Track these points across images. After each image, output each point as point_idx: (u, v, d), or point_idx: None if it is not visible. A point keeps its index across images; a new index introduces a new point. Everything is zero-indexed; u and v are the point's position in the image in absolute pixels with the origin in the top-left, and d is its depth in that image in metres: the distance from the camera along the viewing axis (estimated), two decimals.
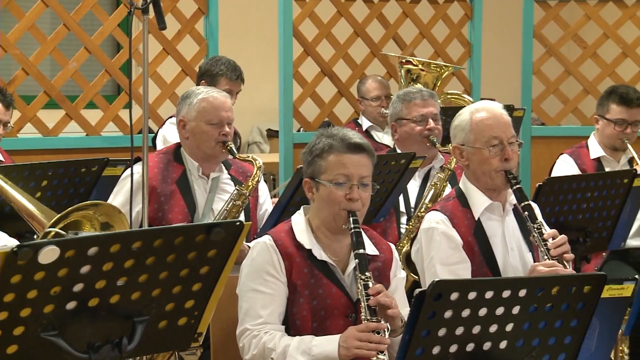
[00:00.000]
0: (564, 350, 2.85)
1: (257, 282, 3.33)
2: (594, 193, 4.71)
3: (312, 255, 3.38)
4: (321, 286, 3.36)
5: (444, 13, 7.90)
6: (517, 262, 3.87)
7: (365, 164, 3.38)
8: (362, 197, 3.36)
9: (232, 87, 5.95)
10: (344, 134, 3.38)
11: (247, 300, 3.35)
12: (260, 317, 3.31)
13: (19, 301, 2.42)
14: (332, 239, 3.42)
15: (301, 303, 3.34)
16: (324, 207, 3.38)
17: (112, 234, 2.54)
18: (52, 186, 4.70)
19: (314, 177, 3.39)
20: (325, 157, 3.35)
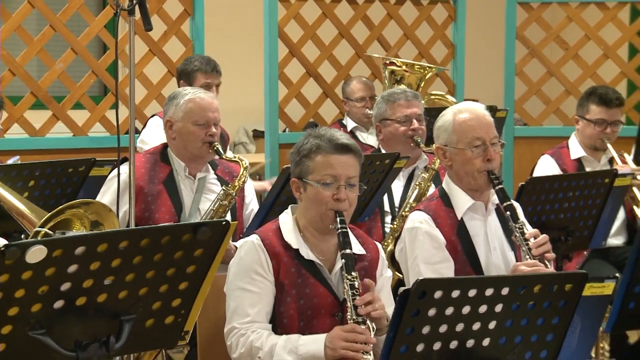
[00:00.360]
0: (545, 348, 2.87)
1: (245, 281, 3.33)
2: (575, 193, 4.73)
3: (299, 255, 3.38)
4: (308, 285, 3.36)
5: (428, 15, 7.91)
6: (500, 261, 3.89)
7: (353, 165, 3.39)
8: (349, 197, 3.37)
9: (209, 79, 6.00)
10: (331, 135, 3.38)
11: (235, 299, 3.35)
12: (247, 315, 3.31)
13: (7, 300, 2.42)
14: (319, 239, 3.43)
15: (288, 302, 3.35)
16: (311, 207, 3.39)
17: (99, 233, 2.54)
18: (39, 186, 4.68)
19: (301, 177, 3.39)
20: (312, 157, 3.36)
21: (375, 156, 4.87)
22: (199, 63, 6.12)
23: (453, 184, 3.94)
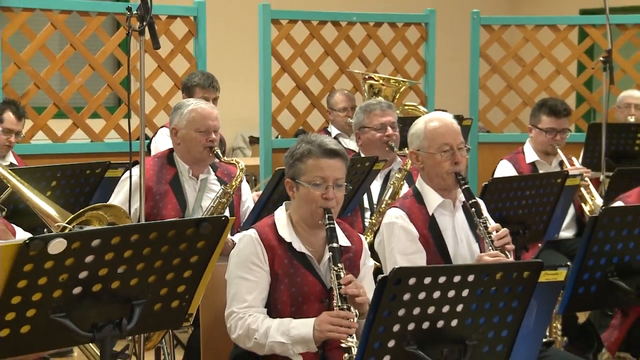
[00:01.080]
0: (506, 328, 2.86)
1: (244, 270, 3.32)
2: (532, 191, 4.74)
3: (292, 248, 3.37)
4: (299, 275, 3.36)
5: (402, 35, 7.90)
6: (466, 251, 3.88)
7: (340, 168, 3.38)
8: (336, 196, 3.36)
9: (206, 94, 5.94)
10: (321, 141, 3.37)
11: (235, 286, 3.34)
12: (245, 301, 3.30)
13: (31, 287, 2.42)
14: (309, 233, 3.42)
15: (282, 290, 3.33)
16: (303, 205, 3.38)
17: (112, 227, 2.54)
18: (60, 186, 4.69)
19: (294, 178, 3.38)
20: (304, 161, 3.35)
21: (356, 159, 4.86)
22: (199, 79, 6.09)
23: (425, 184, 3.93)
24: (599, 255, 3.32)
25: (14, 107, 5.63)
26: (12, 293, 2.40)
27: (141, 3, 3.41)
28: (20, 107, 5.70)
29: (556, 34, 8.22)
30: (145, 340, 4.06)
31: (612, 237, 3.30)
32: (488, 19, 8.17)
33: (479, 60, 8.02)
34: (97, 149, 6.82)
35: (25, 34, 6.76)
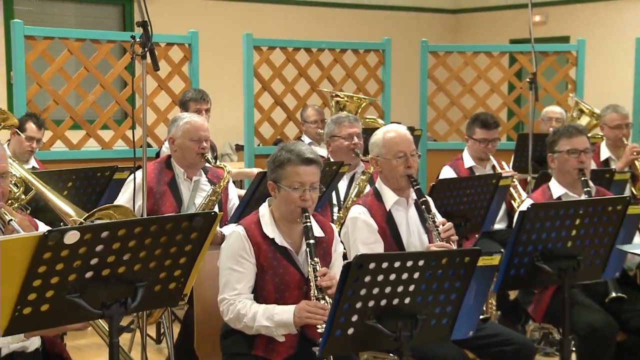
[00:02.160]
0: (450, 304, 2.88)
1: (233, 262, 3.29)
2: (471, 190, 4.75)
3: (274, 243, 3.33)
4: (281, 267, 3.32)
5: (364, 60, 7.92)
6: (417, 241, 3.88)
7: (315, 173, 3.35)
8: (312, 197, 3.33)
9: (198, 106, 5.92)
10: (299, 150, 3.34)
11: (226, 275, 3.31)
12: (235, 289, 3.27)
13: (50, 272, 2.40)
14: (289, 227, 3.38)
15: (266, 279, 3.30)
16: (283, 204, 3.34)
17: (119, 221, 2.53)
18: (75, 186, 4.67)
19: (276, 182, 3.34)
20: (285, 167, 3.31)
21: (326, 164, 4.85)
22: (192, 94, 6.07)
23: (383, 184, 3.92)
24: (527, 244, 3.33)
25: (35, 119, 5.61)
26: (33, 277, 2.38)
27: (143, 32, 3.39)
28: (40, 118, 5.68)
29: (491, 59, 8.26)
30: (147, 316, 4.04)
31: (537, 228, 3.31)
32: (434, 47, 8.19)
33: (427, 81, 8.05)
34: (107, 155, 6.81)
35: (46, 58, 6.75)
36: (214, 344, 3.46)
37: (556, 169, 4.35)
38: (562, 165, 4.30)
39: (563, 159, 4.29)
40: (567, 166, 4.27)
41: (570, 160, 4.26)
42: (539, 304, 4.14)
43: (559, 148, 4.30)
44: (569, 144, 4.27)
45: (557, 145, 4.31)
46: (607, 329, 3.96)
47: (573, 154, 4.25)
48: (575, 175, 4.25)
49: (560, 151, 4.29)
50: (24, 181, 4.44)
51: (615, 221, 3.47)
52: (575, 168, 4.25)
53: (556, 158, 4.32)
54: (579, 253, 3.38)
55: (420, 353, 3.50)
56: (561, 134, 4.33)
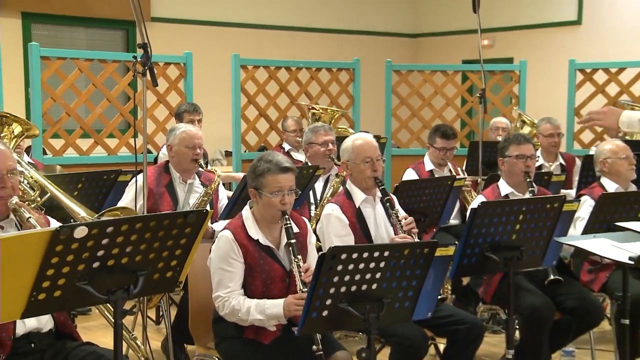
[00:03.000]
0: (411, 289, 2.88)
1: (224, 263, 3.25)
2: (430, 190, 4.77)
3: (259, 243, 3.30)
4: (267, 264, 3.29)
5: (337, 77, 7.94)
6: (384, 234, 3.88)
7: (291, 179, 3.32)
8: (290, 201, 3.31)
9: (191, 117, 5.92)
10: (277, 160, 3.30)
11: (218, 275, 3.26)
12: (228, 287, 3.23)
13: (61, 262, 2.38)
14: (270, 227, 3.35)
15: (254, 276, 3.27)
16: (265, 209, 3.31)
17: (122, 218, 2.50)
18: (84, 188, 4.62)
19: (257, 189, 3.30)
20: (265, 176, 3.27)
21: (304, 167, 4.88)
22: (186, 107, 6.10)
23: (353, 185, 3.92)
24: (477, 236, 3.34)
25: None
26: (47, 267, 2.36)
27: (144, 53, 3.37)
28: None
29: (446, 77, 8.30)
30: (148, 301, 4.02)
31: (486, 223, 3.32)
32: (397, 66, 8.21)
33: (391, 95, 8.07)
34: (112, 160, 6.75)
35: (59, 76, 6.71)
36: (207, 326, 3.44)
37: (505, 171, 4.37)
38: (510, 168, 4.33)
39: (512, 163, 4.31)
40: (515, 169, 4.30)
41: (518, 164, 4.29)
42: (488, 287, 4.16)
43: (508, 153, 4.33)
44: (518, 150, 4.30)
45: (507, 151, 4.34)
46: (546, 309, 3.98)
47: (521, 159, 4.28)
48: (521, 177, 4.28)
49: (510, 156, 4.32)
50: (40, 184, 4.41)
51: (553, 217, 3.49)
52: (522, 171, 4.28)
53: (506, 162, 4.34)
54: (522, 244, 3.40)
55: (386, 332, 3.51)
56: (511, 141, 4.36)
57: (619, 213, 3.90)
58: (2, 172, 2.90)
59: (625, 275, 3.73)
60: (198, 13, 10.23)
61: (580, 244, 3.36)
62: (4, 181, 2.90)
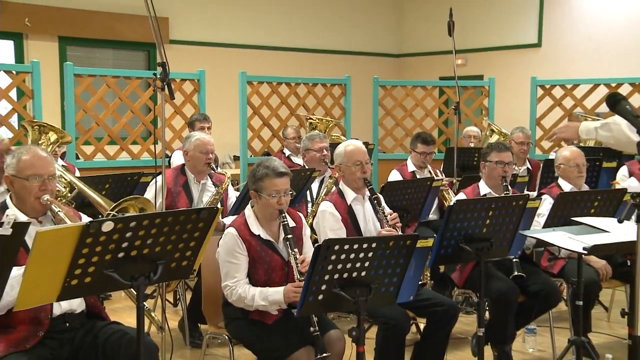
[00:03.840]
0: (396, 276, 2.87)
1: (230, 257, 3.23)
2: (412, 190, 4.77)
3: (260, 238, 3.28)
4: (268, 256, 3.27)
5: (330, 91, 7.91)
6: (372, 227, 3.87)
7: (287, 182, 3.29)
8: (286, 201, 3.29)
9: (202, 124, 5.94)
10: (274, 166, 3.27)
11: (226, 267, 3.25)
12: (235, 277, 3.21)
13: (91, 253, 2.37)
14: (269, 224, 3.33)
15: (257, 266, 3.25)
16: (264, 208, 3.29)
17: (143, 214, 2.49)
18: (111, 188, 4.64)
19: (257, 191, 3.28)
20: (264, 180, 3.25)
21: (302, 170, 4.89)
22: (197, 117, 6.14)
23: (345, 185, 3.91)
24: (453, 230, 3.33)
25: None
26: (78, 257, 2.35)
27: (162, 71, 3.35)
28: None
29: (425, 91, 8.29)
30: (166, 286, 4.02)
31: (461, 218, 3.31)
32: (383, 82, 8.18)
33: (378, 107, 8.05)
34: (135, 164, 6.73)
35: (90, 91, 6.69)
36: (217, 308, 3.43)
37: (485, 174, 4.37)
38: (490, 172, 4.33)
39: (492, 167, 4.31)
40: (494, 173, 4.30)
41: (497, 169, 4.29)
42: (462, 274, 4.16)
43: (490, 159, 4.32)
44: (498, 157, 4.29)
45: (488, 157, 4.33)
46: (512, 293, 3.98)
47: (500, 165, 4.28)
48: (499, 180, 4.29)
49: (491, 161, 4.31)
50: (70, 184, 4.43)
51: (518, 213, 3.49)
52: (500, 175, 4.28)
53: (487, 166, 4.34)
54: (492, 237, 3.39)
55: (373, 313, 3.51)
56: (493, 148, 4.36)
57: (574, 209, 3.90)
58: (44, 177, 2.89)
59: (579, 263, 3.75)
60: (210, 36, 10.22)
61: (542, 236, 3.37)
62: (45, 184, 2.90)
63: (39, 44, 8.81)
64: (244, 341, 3.27)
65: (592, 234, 3.28)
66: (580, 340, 3.74)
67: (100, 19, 9.12)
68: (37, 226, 2.88)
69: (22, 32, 8.68)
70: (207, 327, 3.59)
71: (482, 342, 3.39)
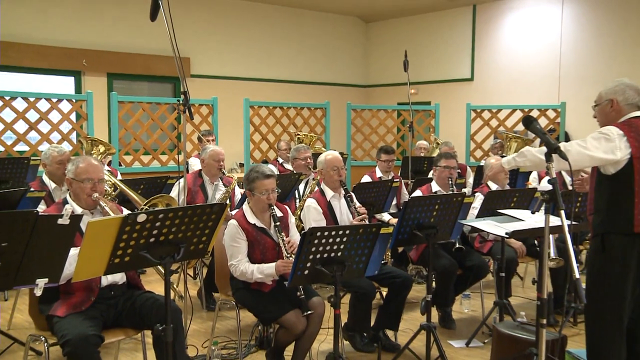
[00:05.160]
0: (364, 255, 2.86)
1: (233, 242, 3.20)
2: (377, 189, 4.75)
3: (256, 226, 3.25)
4: (262, 239, 3.24)
5: (314, 113, 7.91)
6: (346, 219, 3.86)
7: (273, 182, 3.26)
8: (273, 197, 3.26)
9: (208, 137, 6.09)
10: (262, 170, 3.25)
11: (230, 250, 3.22)
12: (237, 257, 3.19)
13: (129, 238, 2.35)
14: (262, 215, 3.29)
15: (255, 249, 3.22)
16: (257, 203, 3.26)
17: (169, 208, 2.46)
18: (145, 188, 4.60)
19: (251, 191, 3.26)
20: (255, 182, 3.23)
21: (291, 174, 4.86)
22: (204, 132, 6.28)
23: (325, 185, 3.90)
24: (408, 220, 3.33)
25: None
26: (119, 241, 2.33)
27: (184, 98, 3.33)
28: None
29: (387, 113, 8.28)
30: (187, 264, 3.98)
31: (414, 211, 3.32)
32: (355, 106, 8.15)
33: (350, 126, 8.04)
34: (163, 169, 6.68)
35: (129, 113, 6.67)
36: (227, 281, 3.40)
37: (436, 176, 4.38)
38: (439, 174, 4.34)
39: (441, 171, 4.33)
40: (442, 175, 4.32)
41: (445, 172, 4.31)
42: (416, 252, 4.17)
43: (439, 164, 4.34)
44: (446, 163, 4.31)
45: (439, 163, 4.35)
46: (452, 268, 4.00)
47: (446, 169, 4.30)
48: (446, 181, 4.32)
49: (440, 166, 4.33)
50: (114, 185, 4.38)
51: (457, 206, 3.50)
52: (447, 177, 4.30)
53: (437, 169, 4.36)
54: (437, 225, 3.40)
55: (347, 284, 3.51)
56: (442, 156, 4.37)
57: (499, 204, 3.93)
58: (95, 180, 2.90)
59: (502, 244, 3.78)
60: (221, 71, 10.17)
61: (475, 224, 3.38)
62: (95, 186, 2.90)
63: (92, 78, 8.78)
64: (246, 306, 3.25)
65: (512, 222, 3.31)
66: (502, 302, 3.78)
67: (138, 59, 9.10)
68: (89, 217, 2.87)
69: (80, 70, 8.70)
70: (219, 295, 3.56)
71: (430, 305, 3.40)
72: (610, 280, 2.70)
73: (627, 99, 2.75)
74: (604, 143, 2.64)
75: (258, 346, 3.69)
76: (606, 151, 2.63)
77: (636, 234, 2.65)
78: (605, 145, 2.63)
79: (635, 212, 2.63)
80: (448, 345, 3.82)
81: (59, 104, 6.33)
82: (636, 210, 2.63)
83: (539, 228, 3.16)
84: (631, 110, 2.74)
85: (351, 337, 3.73)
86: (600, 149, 2.63)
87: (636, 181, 2.63)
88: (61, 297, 2.75)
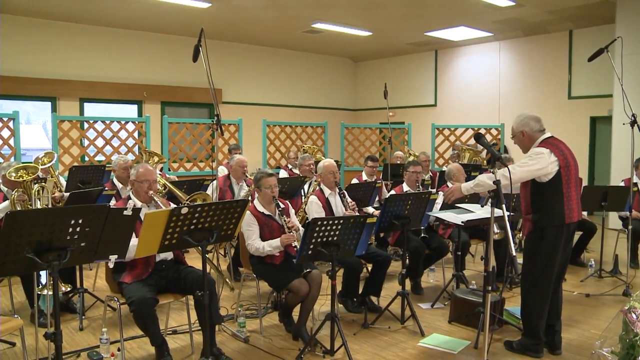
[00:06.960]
0: (354, 239, 2.84)
1: (248, 226, 3.17)
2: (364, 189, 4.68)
3: (265, 214, 3.22)
4: (270, 223, 3.21)
5: (315, 131, 7.88)
6: (340, 211, 3.81)
7: (275, 180, 3.24)
8: (276, 191, 3.23)
9: (236, 150, 6.01)
10: (265, 171, 3.25)
11: (246, 233, 3.19)
12: (252, 238, 3.16)
13: (175, 226, 2.34)
14: (268, 206, 3.25)
15: (265, 231, 3.19)
16: (264, 197, 3.23)
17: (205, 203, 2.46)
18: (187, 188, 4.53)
19: (258, 187, 3.24)
20: (261, 180, 3.22)
21: (298, 177, 4.83)
22: (233, 146, 6.17)
23: (324, 185, 3.86)
24: (388, 212, 3.31)
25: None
26: (168, 228, 2.33)
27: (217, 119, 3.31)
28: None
29: (371, 130, 8.24)
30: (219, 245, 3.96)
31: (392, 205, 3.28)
32: (347, 125, 8.03)
33: (343, 140, 7.98)
34: (201, 173, 6.68)
35: (177, 131, 6.66)
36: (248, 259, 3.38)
37: (406, 179, 4.35)
38: (409, 178, 4.31)
39: (410, 175, 4.30)
40: (412, 179, 4.28)
41: (413, 176, 4.28)
42: (393, 237, 4.14)
43: (409, 170, 4.31)
44: (414, 169, 4.29)
45: (408, 169, 4.32)
46: (422, 248, 3.97)
47: (414, 173, 4.28)
48: (414, 183, 4.28)
49: (409, 171, 4.30)
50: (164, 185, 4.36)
51: (425, 201, 3.49)
52: (415, 180, 4.27)
53: (407, 174, 4.32)
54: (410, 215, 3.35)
55: (341, 261, 3.48)
56: (411, 164, 4.34)
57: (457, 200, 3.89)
58: (150, 181, 2.93)
59: (459, 231, 3.75)
60: (245, 99, 10.15)
61: (438, 215, 3.37)
62: (151, 186, 2.93)
63: (150, 106, 8.86)
64: (263, 276, 3.23)
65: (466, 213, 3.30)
66: (458, 274, 3.77)
67: (183, 91, 9.14)
68: (146, 209, 2.89)
69: (142, 100, 8.83)
70: (243, 269, 3.55)
71: (404, 277, 3.39)
72: (544, 258, 2.77)
73: (532, 128, 2.79)
74: (540, 160, 2.69)
75: (273, 308, 3.69)
76: (544, 165, 2.71)
77: (565, 224, 2.74)
78: (542, 162, 2.70)
79: (565, 208, 2.73)
80: (418, 307, 3.81)
81: (126, 125, 6.48)
82: (565, 207, 2.73)
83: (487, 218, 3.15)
84: (541, 134, 2.83)
85: (344, 301, 3.72)
86: (538, 165, 2.71)
87: (564, 185, 2.73)
88: (127, 269, 2.79)
